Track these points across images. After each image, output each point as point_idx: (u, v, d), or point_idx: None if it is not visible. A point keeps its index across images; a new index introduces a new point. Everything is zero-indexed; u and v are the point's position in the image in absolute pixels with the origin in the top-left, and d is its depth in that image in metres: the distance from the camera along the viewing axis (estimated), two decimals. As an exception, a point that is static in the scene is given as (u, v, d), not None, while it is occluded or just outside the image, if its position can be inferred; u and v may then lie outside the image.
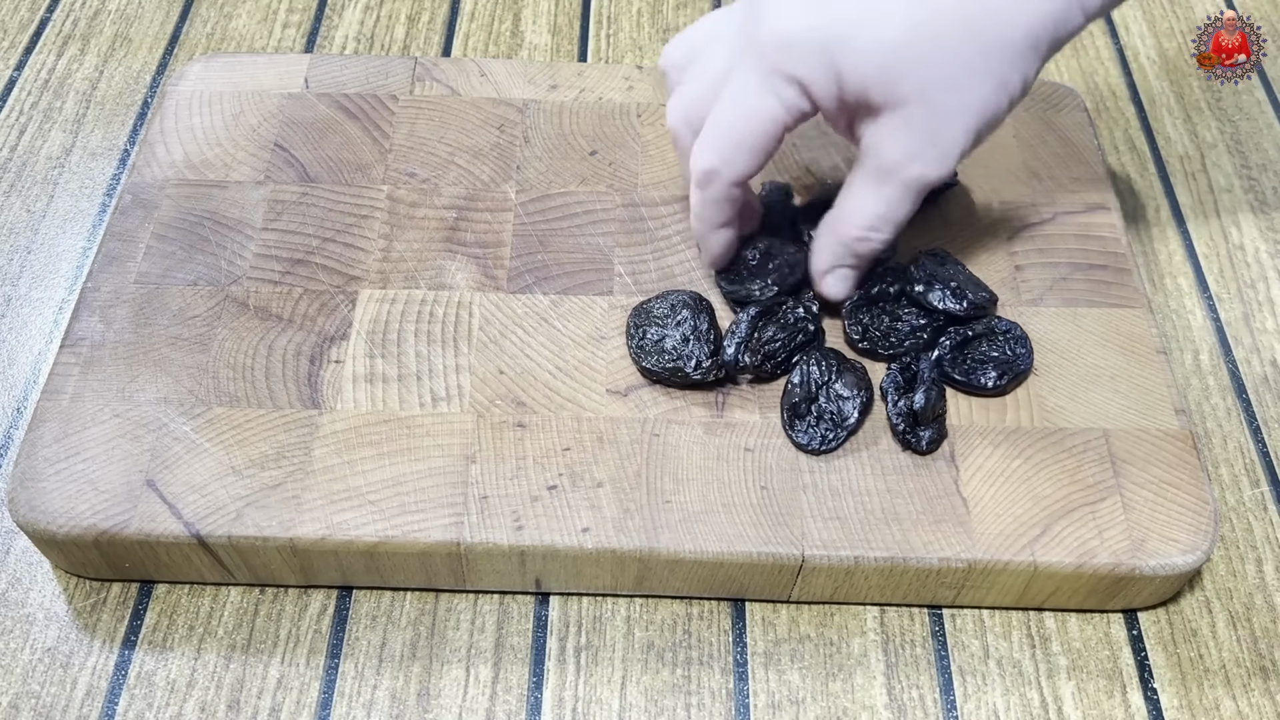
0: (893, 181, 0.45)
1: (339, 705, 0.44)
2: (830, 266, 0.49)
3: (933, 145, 0.44)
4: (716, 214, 0.48)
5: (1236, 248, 0.59)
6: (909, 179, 0.45)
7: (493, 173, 0.56)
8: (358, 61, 0.60)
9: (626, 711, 0.44)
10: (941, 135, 0.44)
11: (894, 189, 0.45)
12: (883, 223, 0.46)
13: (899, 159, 0.44)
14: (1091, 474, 0.46)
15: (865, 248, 0.48)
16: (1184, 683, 0.45)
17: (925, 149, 0.44)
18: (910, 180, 0.45)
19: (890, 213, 0.46)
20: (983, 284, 0.51)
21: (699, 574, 0.45)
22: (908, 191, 0.45)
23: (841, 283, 0.49)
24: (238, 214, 0.53)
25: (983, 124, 0.44)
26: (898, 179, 0.45)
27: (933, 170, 0.44)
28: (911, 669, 0.45)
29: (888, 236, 0.47)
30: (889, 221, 0.46)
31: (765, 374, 0.48)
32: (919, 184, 0.45)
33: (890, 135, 0.44)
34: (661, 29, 0.68)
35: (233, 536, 0.44)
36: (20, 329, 0.54)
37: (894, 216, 0.46)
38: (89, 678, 0.44)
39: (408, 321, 0.50)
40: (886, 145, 0.44)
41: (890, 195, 0.45)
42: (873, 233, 0.47)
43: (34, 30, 0.67)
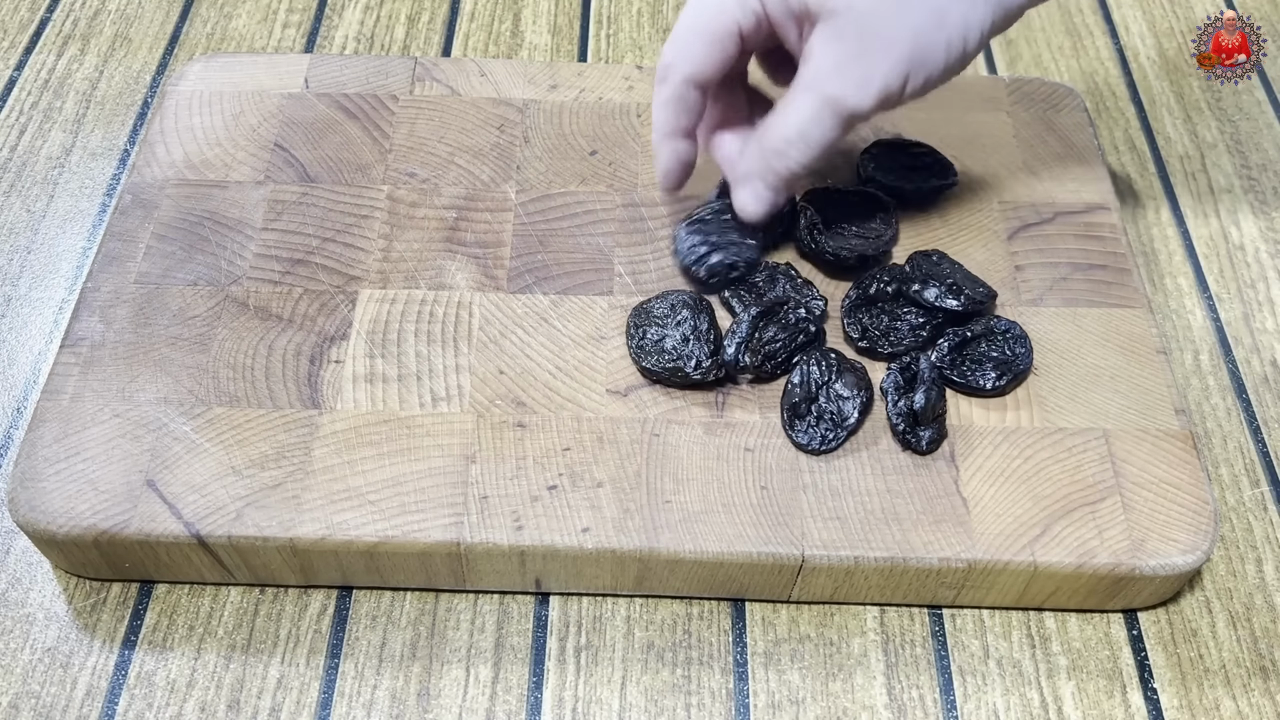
0: (813, 95, 0.44)
1: (339, 705, 0.44)
2: (746, 175, 0.48)
3: (856, 63, 0.43)
4: (670, 116, 0.48)
5: (1236, 248, 0.59)
6: (828, 95, 0.44)
7: (493, 173, 0.56)
8: (358, 61, 0.60)
9: (626, 711, 0.44)
10: (867, 55, 0.43)
11: (813, 103, 0.45)
12: (799, 139, 0.45)
13: (822, 71, 0.44)
14: (1091, 474, 0.46)
15: (781, 164, 0.47)
16: (1184, 683, 0.45)
17: (848, 66, 0.44)
18: (829, 97, 0.44)
19: (807, 129, 0.45)
20: (980, 280, 0.51)
21: (699, 574, 0.45)
22: (825, 109, 0.44)
23: (755, 199, 0.48)
24: (238, 214, 0.53)
25: (913, 58, 0.43)
26: (817, 92, 0.44)
27: (852, 92, 0.44)
28: (911, 669, 0.45)
29: (803, 158, 0.46)
30: (805, 139, 0.45)
31: (765, 374, 0.48)
32: (837, 104, 0.44)
33: (820, 46, 0.44)
34: (661, 29, 0.68)
35: (233, 536, 0.44)
36: (20, 329, 0.54)
37: (810, 135, 0.45)
38: (89, 678, 0.44)
39: (408, 321, 0.50)
40: (815, 56, 0.44)
41: (809, 109, 0.45)
42: (789, 147, 0.46)
43: (34, 30, 0.67)
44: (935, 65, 0.44)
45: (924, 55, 0.43)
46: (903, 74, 0.44)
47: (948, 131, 0.57)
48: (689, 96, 0.47)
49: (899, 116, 0.58)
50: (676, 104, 0.47)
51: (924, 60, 0.43)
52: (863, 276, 0.51)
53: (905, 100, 0.45)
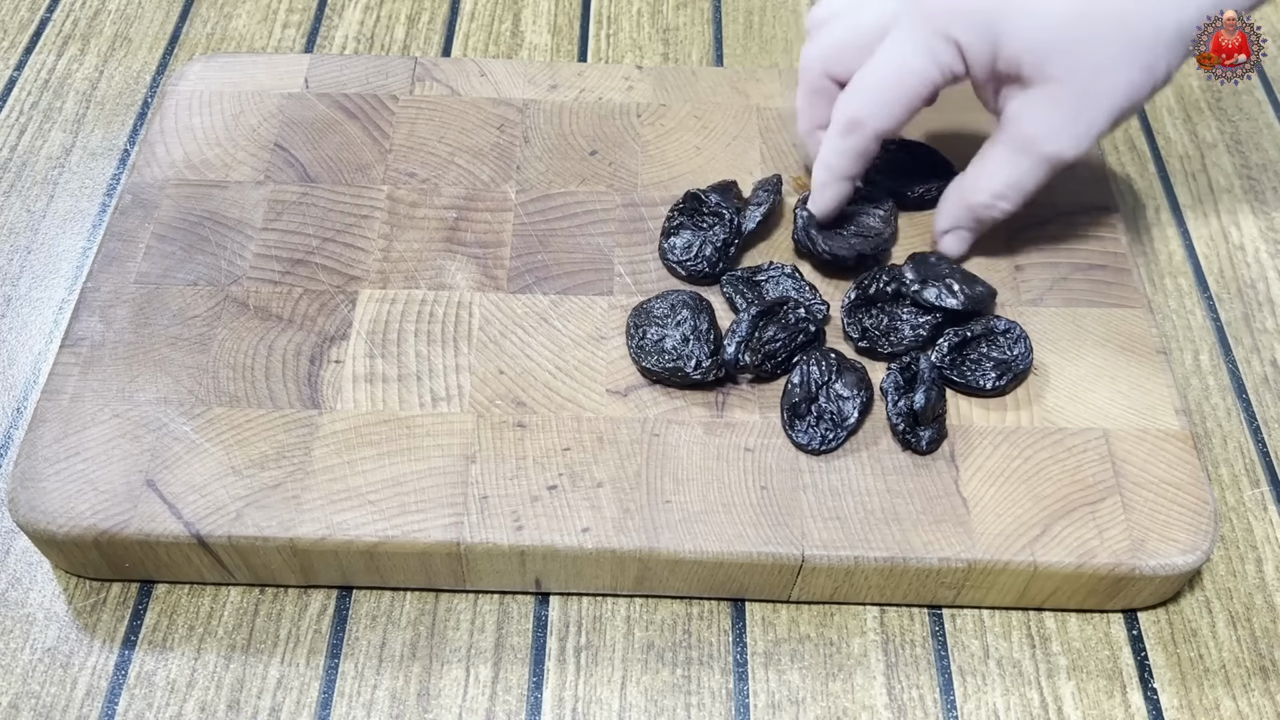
0: (1029, 154, 0.47)
1: (339, 705, 0.44)
2: (951, 227, 0.51)
3: (1073, 124, 0.46)
4: (849, 164, 0.49)
5: (1236, 248, 0.59)
6: (1045, 154, 0.47)
7: (493, 173, 0.56)
8: (358, 61, 0.60)
9: (626, 711, 0.44)
10: (1083, 116, 0.45)
11: (1029, 161, 0.47)
12: (1012, 192, 0.48)
13: (1039, 133, 0.46)
14: (1091, 474, 0.46)
15: (989, 214, 0.50)
16: (1184, 683, 0.45)
17: (1065, 127, 0.46)
18: (1046, 155, 0.47)
19: (1020, 183, 0.48)
20: (978, 278, 0.51)
21: (699, 574, 0.45)
22: (1041, 165, 0.47)
23: (959, 243, 0.51)
24: (238, 214, 0.53)
25: (1124, 109, 0.46)
26: (1034, 152, 0.47)
27: (1068, 148, 0.46)
28: (911, 669, 0.45)
29: (1013, 206, 0.49)
30: (1019, 191, 0.48)
31: (765, 374, 0.48)
32: (1054, 160, 0.47)
33: (1034, 110, 0.46)
34: (661, 29, 0.68)
35: (233, 536, 0.44)
36: (20, 329, 0.54)
37: (1024, 187, 0.48)
38: (89, 678, 0.44)
39: (408, 321, 0.50)
40: (1028, 119, 0.46)
41: (1024, 167, 0.47)
42: (1000, 200, 0.49)
43: (34, 30, 0.67)
44: (1140, 103, 0.46)
45: (1133, 101, 0.46)
46: (1116, 121, 0.46)
47: (948, 131, 0.57)
48: (872, 149, 0.49)
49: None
50: (861, 156, 0.49)
51: (1132, 106, 0.46)
52: (862, 276, 0.51)
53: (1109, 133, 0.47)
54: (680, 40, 0.68)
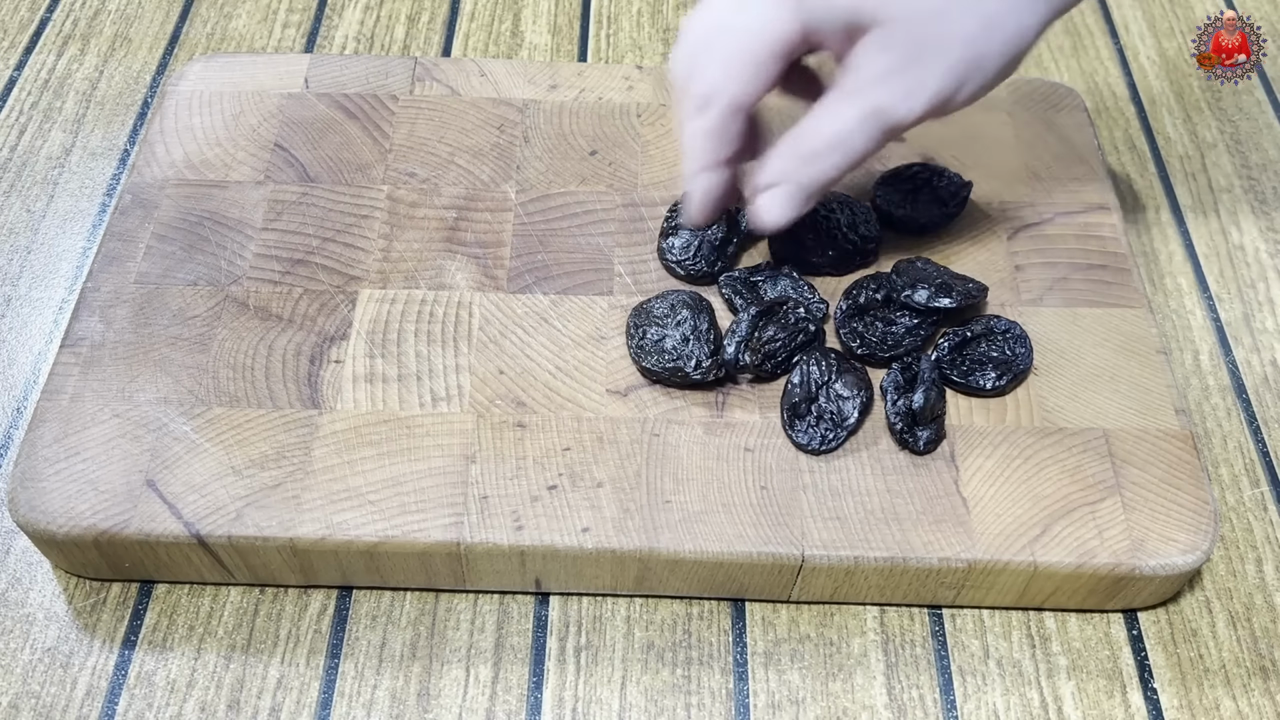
0: (857, 103, 0.43)
1: (339, 705, 0.44)
2: (773, 181, 0.45)
3: (906, 73, 0.42)
4: (713, 147, 0.45)
5: (1236, 248, 0.59)
6: (875, 104, 0.43)
7: (493, 173, 0.56)
8: (358, 61, 0.60)
9: (626, 711, 0.44)
10: (918, 64, 0.42)
11: (857, 111, 0.43)
12: (837, 146, 0.44)
13: (869, 79, 0.42)
14: (1091, 474, 0.46)
15: (813, 171, 0.44)
16: (1184, 683, 0.45)
17: (897, 75, 0.42)
18: (875, 106, 0.42)
19: (847, 137, 0.43)
20: (967, 277, 0.51)
21: (699, 574, 0.45)
22: (870, 118, 0.43)
23: (777, 203, 0.45)
24: (238, 214, 0.53)
25: (965, 67, 0.42)
26: (863, 100, 0.43)
27: (899, 100, 0.42)
28: (911, 669, 0.45)
29: (840, 165, 0.44)
30: (844, 147, 0.44)
31: (765, 374, 0.48)
32: (883, 113, 0.43)
33: (868, 54, 0.42)
34: (661, 29, 0.68)
35: (233, 536, 0.44)
36: (20, 329, 0.54)
37: (850, 143, 0.43)
38: (89, 678, 0.44)
39: (408, 321, 0.50)
40: (861, 65, 0.42)
41: (852, 117, 0.43)
42: (826, 154, 0.44)
43: (34, 30, 0.67)
44: (988, 72, 0.42)
45: (976, 63, 0.42)
46: (955, 82, 0.42)
47: (948, 132, 0.57)
48: (734, 125, 0.44)
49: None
50: (720, 134, 0.45)
51: (976, 67, 0.42)
52: (850, 287, 0.51)
53: (956, 109, 0.43)
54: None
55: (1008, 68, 0.43)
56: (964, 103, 0.43)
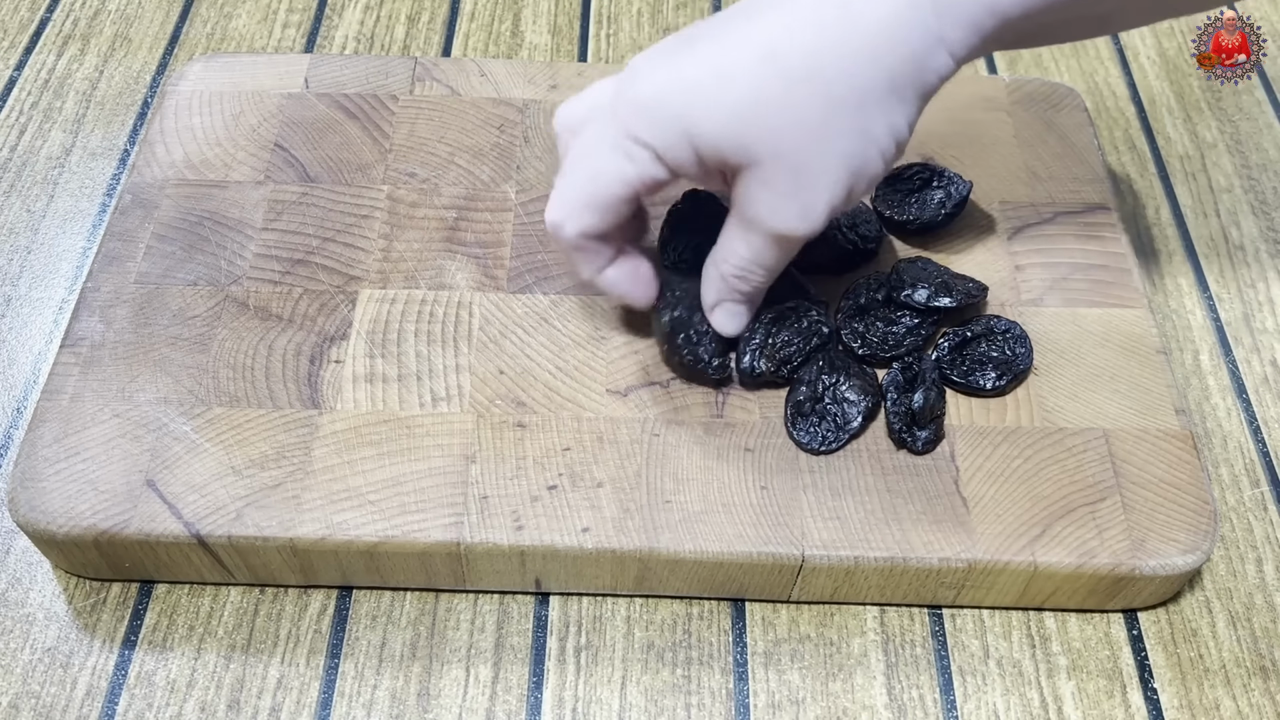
0: (759, 232, 0.44)
1: (339, 705, 0.44)
2: (716, 301, 0.47)
3: (794, 200, 0.42)
4: (581, 262, 0.46)
5: (1236, 248, 0.59)
6: (772, 232, 0.44)
7: (493, 173, 0.56)
8: (358, 61, 0.60)
9: (626, 711, 0.44)
10: (803, 191, 0.42)
11: (760, 240, 0.44)
12: (754, 267, 0.45)
13: (762, 214, 0.43)
14: (1091, 474, 0.46)
15: (744, 287, 0.46)
16: (1184, 683, 0.45)
17: (786, 205, 0.42)
18: (774, 234, 0.44)
19: (759, 260, 0.45)
20: (968, 277, 0.51)
21: (699, 574, 0.45)
22: (774, 243, 0.44)
23: (729, 318, 0.48)
24: (238, 214, 0.53)
25: (851, 177, 0.42)
26: (762, 230, 0.44)
27: (797, 226, 0.43)
28: (911, 669, 0.45)
29: (761, 280, 0.46)
30: (760, 267, 0.45)
31: (781, 379, 0.48)
32: (784, 239, 0.44)
33: (752, 191, 0.43)
34: (661, 29, 0.68)
35: (233, 536, 0.44)
36: (20, 329, 0.54)
37: (764, 263, 0.45)
38: (89, 678, 0.44)
39: (408, 321, 0.50)
40: (749, 200, 0.43)
41: (757, 244, 0.44)
42: (746, 274, 0.46)
43: (34, 30, 0.67)
44: (874, 171, 0.43)
45: (858, 169, 0.42)
46: (842, 193, 0.42)
47: (948, 131, 0.57)
48: (590, 246, 0.45)
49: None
50: (581, 254, 0.46)
51: (861, 173, 0.42)
52: (850, 287, 0.51)
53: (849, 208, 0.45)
54: (680, 40, 0.68)
55: (892, 159, 0.43)
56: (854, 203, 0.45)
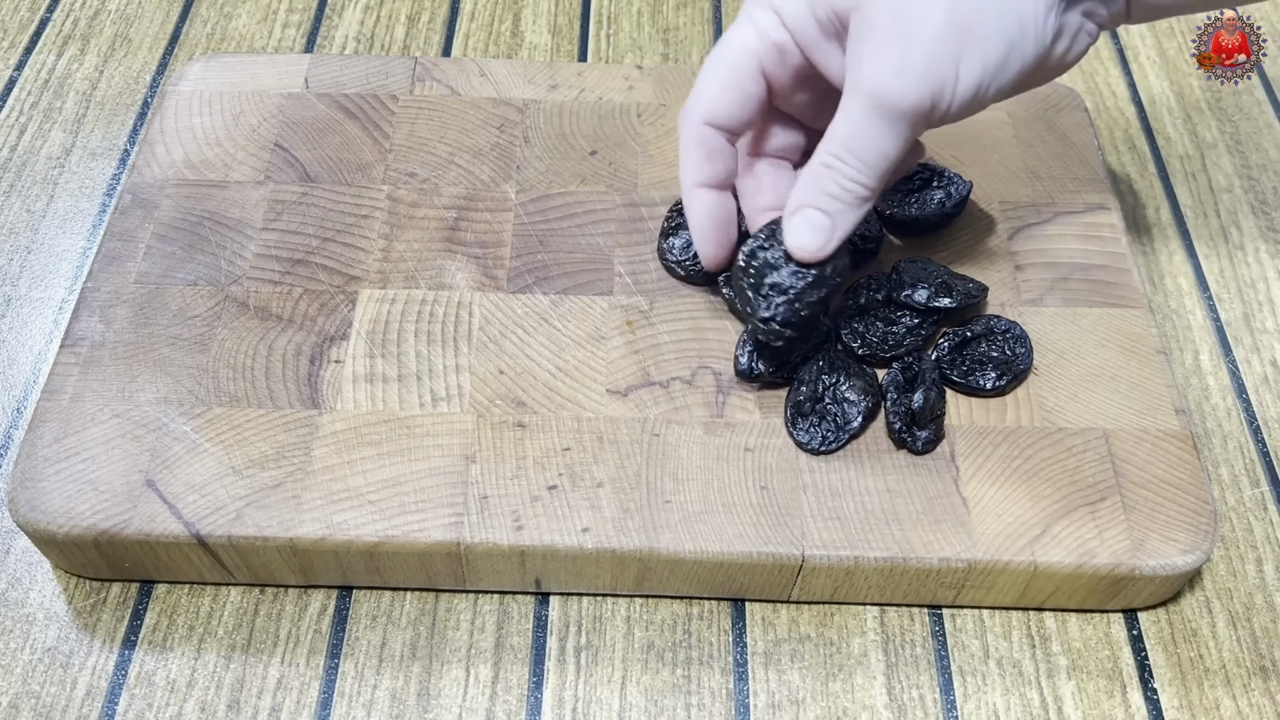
0: (856, 99, 0.40)
1: (339, 705, 0.44)
2: (800, 203, 0.43)
3: (892, 45, 0.39)
4: (694, 168, 0.44)
5: (1236, 248, 0.59)
6: (869, 91, 0.39)
7: (493, 173, 0.56)
8: (358, 61, 0.60)
9: (626, 711, 0.44)
10: (901, 34, 0.39)
11: (859, 110, 0.40)
12: (849, 151, 0.41)
13: (860, 68, 0.39)
14: (1091, 474, 0.46)
15: (834, 182, 0.41)
16: (1184, 683, 0.45)
17: (885, 51, 0.39)
18: (870, 93, 0.39)
19: (855, 138, 0.40)
20: (968, 277, 0.51)
21: (699, 574, 0.45)
22: (871, 110, 0.40)
23: (805, 226, 0.42)
24: (238, 214, 0.53)
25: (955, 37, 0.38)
26: (865, 96, 0.40)
27: (890, 79, 0.39)
28: (911, 669, 0.45)
29: (856, 173, 0.41)
30: (856, 151, 0.41)
31: (781, 379, 0.48)
32: (881, 100, 0.39)
33: (855, 42, 0.39)
34: (661, 29, 0.68)
35: (233, 536, 0.44)
36: (20, 329, 0.54)
37: (860, 145, 0.41)
38: (89, 678, 0.44)
39: (408, 321, 0.50)
40: (852, 58, 0.40)
41: (856, 117, 0.40)
42: (840, 161, 0.41)
43: (34, 30, 0.67)
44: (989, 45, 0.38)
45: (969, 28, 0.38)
46: (948, 54, 0.38)
47: (948, 132, 0.57)
48: (710, 141, 0.43)
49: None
50: (696, 149, 0.43)
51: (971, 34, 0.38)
52: (851, 287, 0.51)
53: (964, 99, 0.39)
54: (680, 40, 0.68)
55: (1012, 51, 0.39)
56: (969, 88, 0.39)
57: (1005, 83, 0.40)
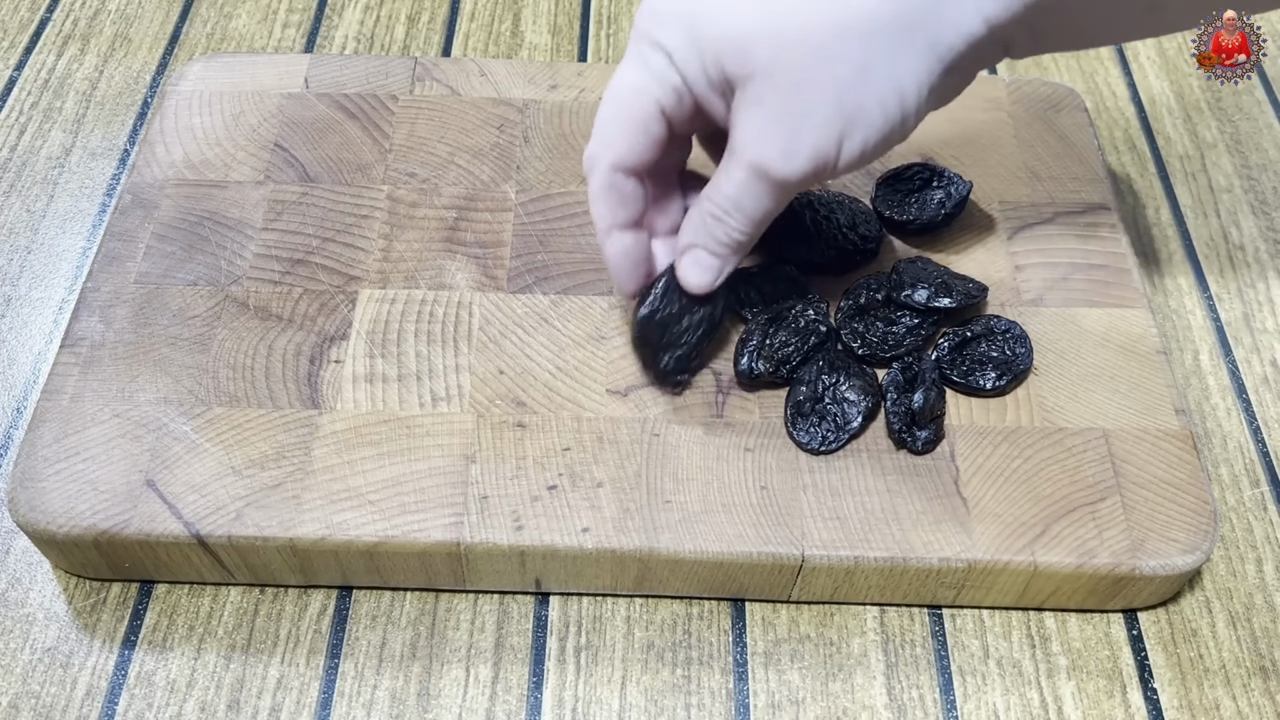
0: (741, 164, 0.42)
1: (339, 705, 0.44)
2: (689, 244, 0.45)
3: (779, 128, 0.40)
4: (606, 210, 0.44)
5: (1236, 248, 0.59)
6: (754, 163, 0.41)
7: (493, 173, 0.56)
8: (358, 61, 0.60)
9: (626, 711, 0.44)
10: (790, 118, 0.40)
11: (742, 174, 0.42)
12: (733, 208, 0.43)
13: (747, 139, 0.41)
14: (1091, 474, 0.46)
15: (720, 231, 0.44)
16: (1184, 683, 0.45)
17: (771, 131, 0.41)
18: (755, 165, 0.41)
19: (739, 199, 0.43)
20: (968, 277, 0.51)
21: (699, 574, 0.45)
22: (754, 178, 0.42)
23: (696, 267, 0.45)
24: (238, 214, 0.53)
25: (842, 119, 0.40)
26: (744, 161, 0.42)
27: (776, 157, 0.41)
28: (911, 669, 0.45)
29: (742, 227, 0.44)
30: (739, 209, 0.43)
31: (780, 379, 0.48)
32: (764, 172, 0.41)
33: (743, 113, 0.41)
34: (661, 29, 0.68)
35: (233, 536, 0.44)
36: (20, 329, 0.54)
37: (744, 205, 0.43)
38: (89, 678, 0.44)
39: (408, 321, 0.50)
40: (739, 125, 0.41)
41: (739, 179, 0.42)
42: (726, 216, 0.43)
43: (34, 30, 0.67)
44: (871, 127, 0.41)
45: (854, 115, 0.40)
46: (833, 137, 0.40)
47: (948, 131, 0.57)
48: (622, 186, 0.44)
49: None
50: (609, 195, 0.44)
51: (855, 121, 0.40)
52: (850, 287, 0.51)
53: (843, 169, 0.42)
54: (680, 40, 0.68)
55: (896, 125, 0.41)
56: (849, 163, 0.42)
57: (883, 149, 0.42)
